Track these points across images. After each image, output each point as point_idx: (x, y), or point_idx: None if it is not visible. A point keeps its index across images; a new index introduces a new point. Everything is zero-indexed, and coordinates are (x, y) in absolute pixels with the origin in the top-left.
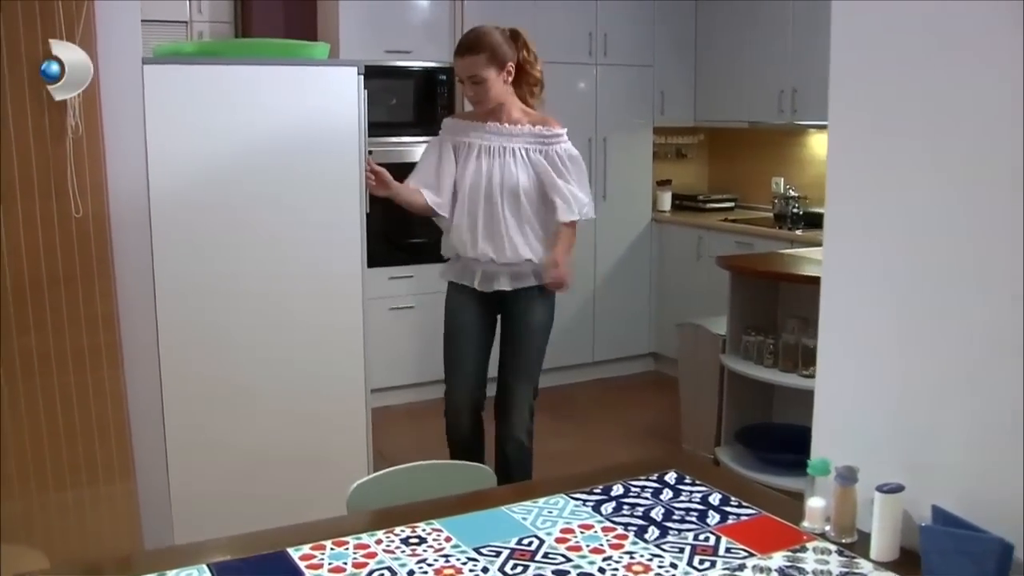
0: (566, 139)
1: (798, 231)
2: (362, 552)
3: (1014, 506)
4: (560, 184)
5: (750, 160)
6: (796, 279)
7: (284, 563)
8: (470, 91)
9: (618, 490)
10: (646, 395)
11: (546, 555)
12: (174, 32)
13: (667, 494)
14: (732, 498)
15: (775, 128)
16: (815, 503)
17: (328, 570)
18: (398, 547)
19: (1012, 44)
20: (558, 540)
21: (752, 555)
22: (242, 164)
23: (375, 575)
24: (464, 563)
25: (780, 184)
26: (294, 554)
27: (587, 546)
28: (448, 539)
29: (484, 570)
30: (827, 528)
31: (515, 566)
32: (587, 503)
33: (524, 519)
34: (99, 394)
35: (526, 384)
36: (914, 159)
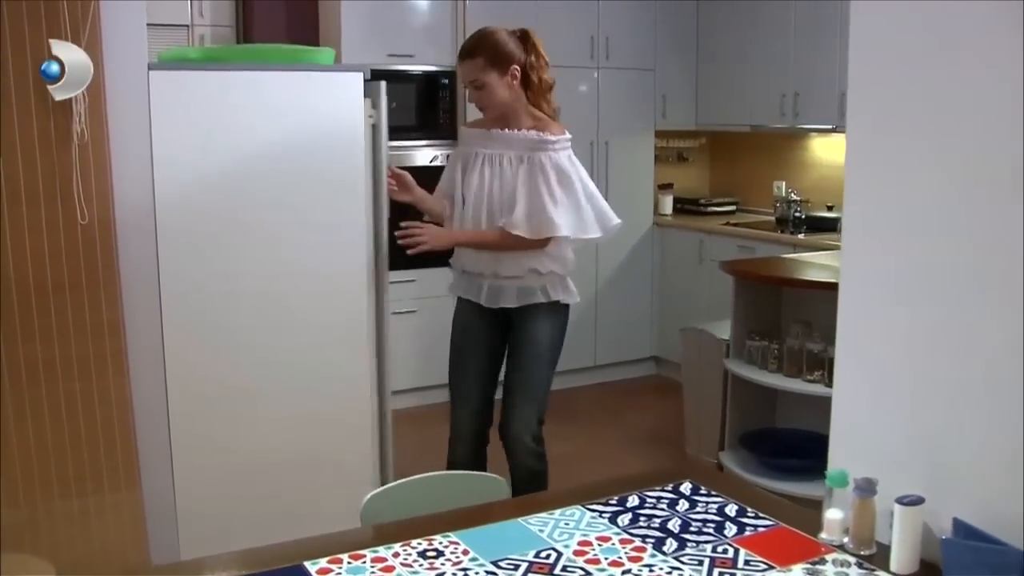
0: (560, 147)
1: (800, 235)
2: (380, 566)
3: None
4: (522, 194)
5: (751, 164)
6: (800, 284)
7: None
8: (474, 96)
9: (633, 501)
10: (648, 399)
11: (565, 568)
12: (175, 35)
13: (683, 505)
14: (748, 509)
15: (777, 132)
16: (833, 515)
17: None
18: (416, 560)
19: None
20: (576, 553)
21: (771, 567)
22: (248, 170)
23: None
24: None
25: (782, 188)
26: (311, 568)
27: (606, 559)
28: (466, 552)
29: None
30: (845, 540)
31: None
32: (603, 515)
33: (541, 531)
34: (104, 401)
35: (527, 406)
36: (930, 165)
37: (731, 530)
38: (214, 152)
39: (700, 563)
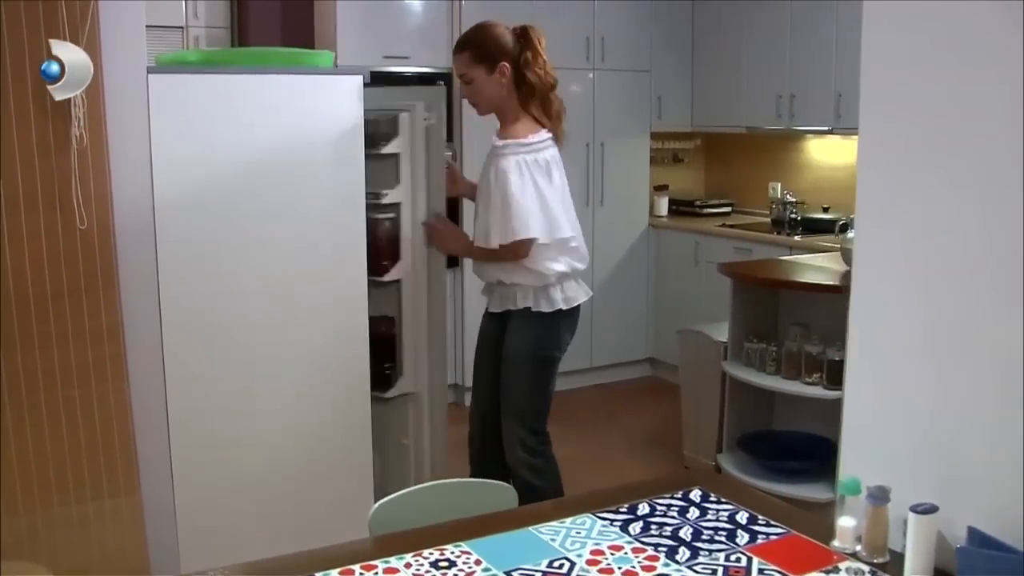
0: (509, 152)
1: (796, 236)
2: None
3: None
4: (481, 203)
5: (747, 165)
6: (799, 287)
7: None
8: (464, 91)
9: (644, 509)
10: (644, 401)
11: None
12: (170, 37)
13: (694, 513)
14: (759, 516)
15: (772, 133)
16: (846, 522)
17: None
18: (428, 571)
19: None
20: (589, 562)
21: None
22: (247, 174)
23: None
24: None
25: (777, 189)
26: None
27: (619, 568)
28: (478, 562)
29: None
30: (858, 548)
31: None
32: (614, 523)
33: (552, 540)
34: (104, 407)
35: (508, 416)
36: (943, 168)
37: (743, 538)
38: (213, 156)
39: (713, 572)
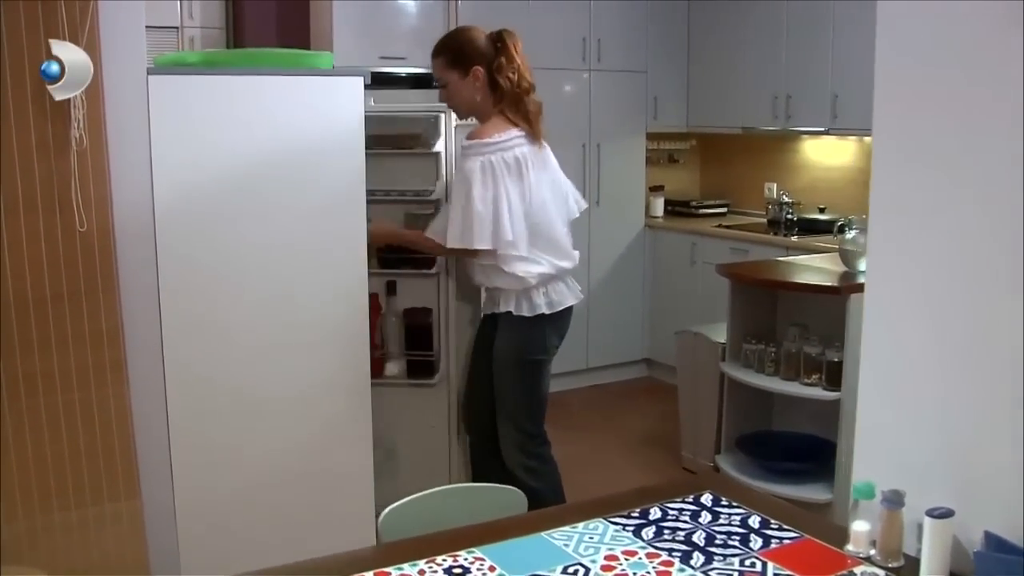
0: (473, 152)
1: (793, 237)
2: None
3: None
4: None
5: (742, 166)
6: (798, 288)
7: None
8: (440, 95)
9: (656, 513)
10: (640, 401)
11: None
12: (165, 37)
13: (706, 517)
14: (772, 521)
15: (768, 134)
16: (860, 526)
17: None
18: None
19: None
20: (604, 568)
21: None
22: (248, 175)
23: None
24: None
25: (773, 190)
26: None
27: (634, 573)
28: (492, 568)
29: None
30: (872, 552)
31: None
32: (627, 527)
33: (565, 546)
34: (104, 411)
35: (504, 419)
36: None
37: (757, 542)
38: (214, 158)
39: None
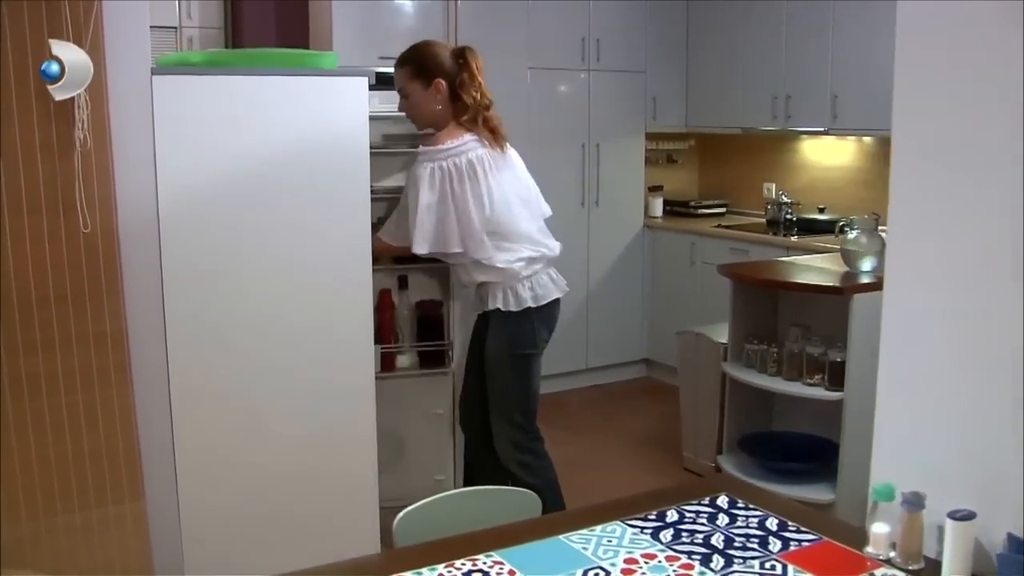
0: (425, 158)
1: (793, 237)
2: None
3: None
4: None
5: (741, 166)
6: (801, 288)
7: None
8: (401, 105)
9: (673, 516)
10: (640, 402)
11: None
12: (164, 37)
13: (723, 519)
14: (789, 523)
15: (767, 134)
16: (879, 528)
17: None
18: None
19: None
20: (624, 572)
21: None
22: (252, 176)
23: None
24: None
25: (772, 190)
26: None
27: None
28: (512, 573)
29: None
30: (892, 554)
31: None
32: (644, 530)
33: (584, 549)
34: (108, 413)
35: (497, 415)
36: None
37: (776, 545)
38: (217, 158)
39: None
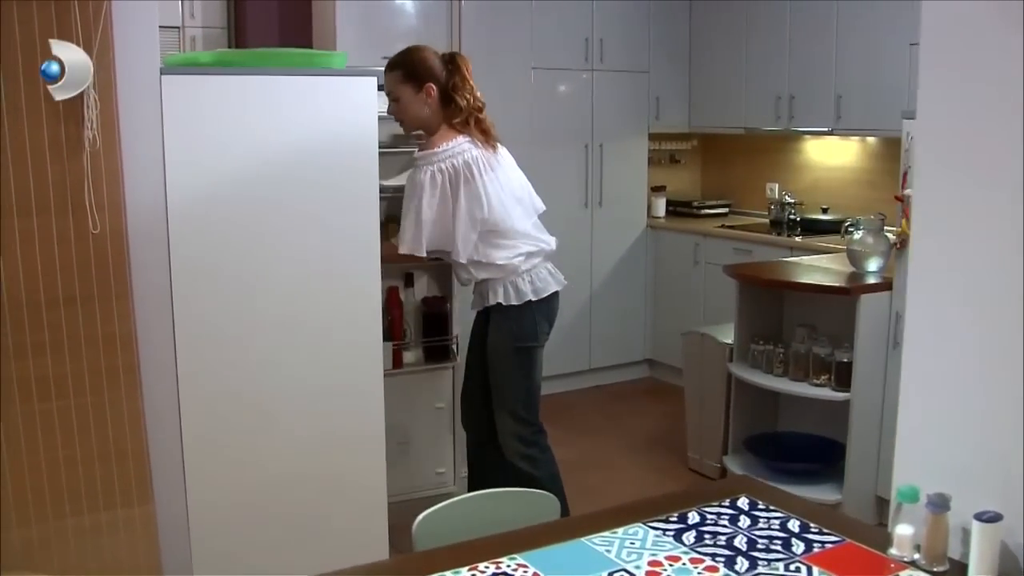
0: (423, 162)
1: (796, 237)
2: None
3: None
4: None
5: (743, 166)
6: (807, 288)
7: None
8: (390, 108)
9: (694, 518)
10: (644, 402)
11: None
12: (167, 37)
13: (745, 521)
14: (811, 524)
15: (770, 134)
16: (903, 530)
17: None
18: None
19: None
20: (649, 574)
21: None
22: (261, 176)
23: None
24: None
25: (775, 190)
26: None
27: None
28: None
29: None
30: (916, 556)
31: None
32: (667, 532)
33: (607, 551)
34: (116, 416)
35: (501, 410)
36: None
37: (799, 547)
38: (226, 158)
39: None
